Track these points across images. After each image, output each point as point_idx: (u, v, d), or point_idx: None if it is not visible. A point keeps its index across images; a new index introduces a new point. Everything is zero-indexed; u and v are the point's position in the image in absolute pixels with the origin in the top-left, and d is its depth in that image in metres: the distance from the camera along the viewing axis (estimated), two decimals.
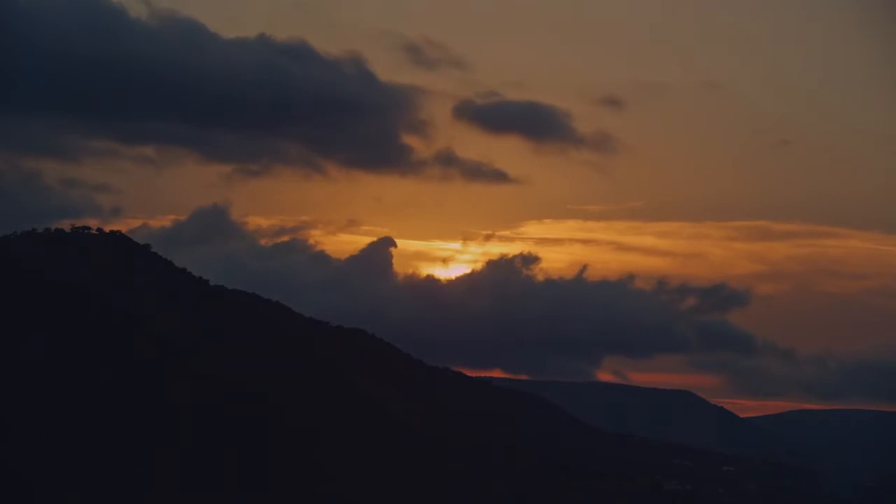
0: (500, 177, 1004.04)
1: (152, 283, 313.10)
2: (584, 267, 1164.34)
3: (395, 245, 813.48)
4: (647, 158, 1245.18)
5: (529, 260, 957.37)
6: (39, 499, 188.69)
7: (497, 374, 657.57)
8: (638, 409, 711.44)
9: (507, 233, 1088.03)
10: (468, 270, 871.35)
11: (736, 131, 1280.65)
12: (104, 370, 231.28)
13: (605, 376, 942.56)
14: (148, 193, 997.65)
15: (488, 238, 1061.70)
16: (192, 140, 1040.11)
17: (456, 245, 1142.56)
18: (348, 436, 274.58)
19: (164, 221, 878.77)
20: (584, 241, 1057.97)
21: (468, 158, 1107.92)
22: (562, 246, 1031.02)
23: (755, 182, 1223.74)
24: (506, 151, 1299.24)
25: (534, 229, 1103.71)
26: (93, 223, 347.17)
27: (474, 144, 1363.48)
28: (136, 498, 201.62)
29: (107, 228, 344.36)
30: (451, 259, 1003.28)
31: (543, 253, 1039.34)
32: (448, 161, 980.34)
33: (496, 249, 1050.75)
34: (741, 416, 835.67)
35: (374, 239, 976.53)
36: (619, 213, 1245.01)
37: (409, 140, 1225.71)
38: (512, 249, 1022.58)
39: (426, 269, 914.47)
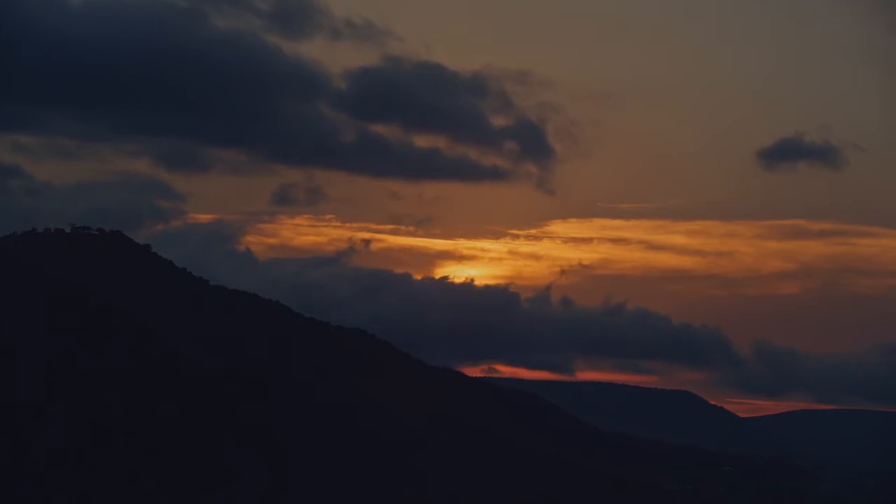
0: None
1: (152, 283, 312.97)
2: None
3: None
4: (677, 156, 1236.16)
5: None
6: (38, 497, 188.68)
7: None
8: (638, 409, 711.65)
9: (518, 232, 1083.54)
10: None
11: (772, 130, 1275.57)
12: (104, 370, 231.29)
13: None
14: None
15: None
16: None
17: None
18: (348, 436, 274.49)
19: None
20: (615, 240, 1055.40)
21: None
22: (590, 245, 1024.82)
23: (789, 181, 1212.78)
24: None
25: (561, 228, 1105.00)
26: None
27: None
28: (136, 498, 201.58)
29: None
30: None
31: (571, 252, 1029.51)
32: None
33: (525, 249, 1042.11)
34: (741, 416, 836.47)
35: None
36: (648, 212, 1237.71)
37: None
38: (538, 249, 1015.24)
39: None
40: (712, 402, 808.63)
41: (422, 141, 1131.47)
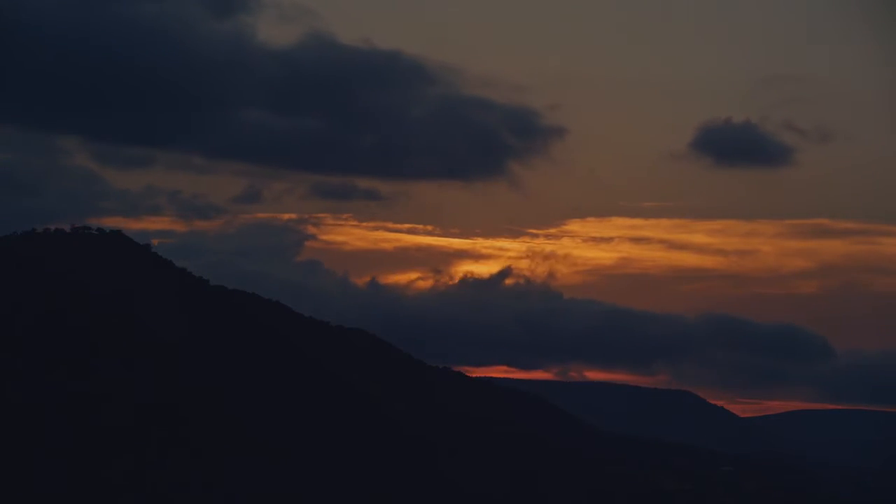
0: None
1: (152, 283, 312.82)
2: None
3: None
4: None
5: None
6: (37, 494, 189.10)
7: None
8: (638, 409, 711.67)
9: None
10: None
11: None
12: (104, 369, 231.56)
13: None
14: None
15: None
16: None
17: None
18: (348, 436, 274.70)
19: None
20: (635, 240, 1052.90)
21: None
22: (610, 244, 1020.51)
23: (813, 180, 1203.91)
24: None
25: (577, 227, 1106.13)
26: None
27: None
28: (134, 497, 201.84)
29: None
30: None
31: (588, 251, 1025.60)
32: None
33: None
34: (741, 416, 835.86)
35: None
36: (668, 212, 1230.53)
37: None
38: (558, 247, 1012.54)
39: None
40: (712, 402, 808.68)
41: (426, 140, 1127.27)
